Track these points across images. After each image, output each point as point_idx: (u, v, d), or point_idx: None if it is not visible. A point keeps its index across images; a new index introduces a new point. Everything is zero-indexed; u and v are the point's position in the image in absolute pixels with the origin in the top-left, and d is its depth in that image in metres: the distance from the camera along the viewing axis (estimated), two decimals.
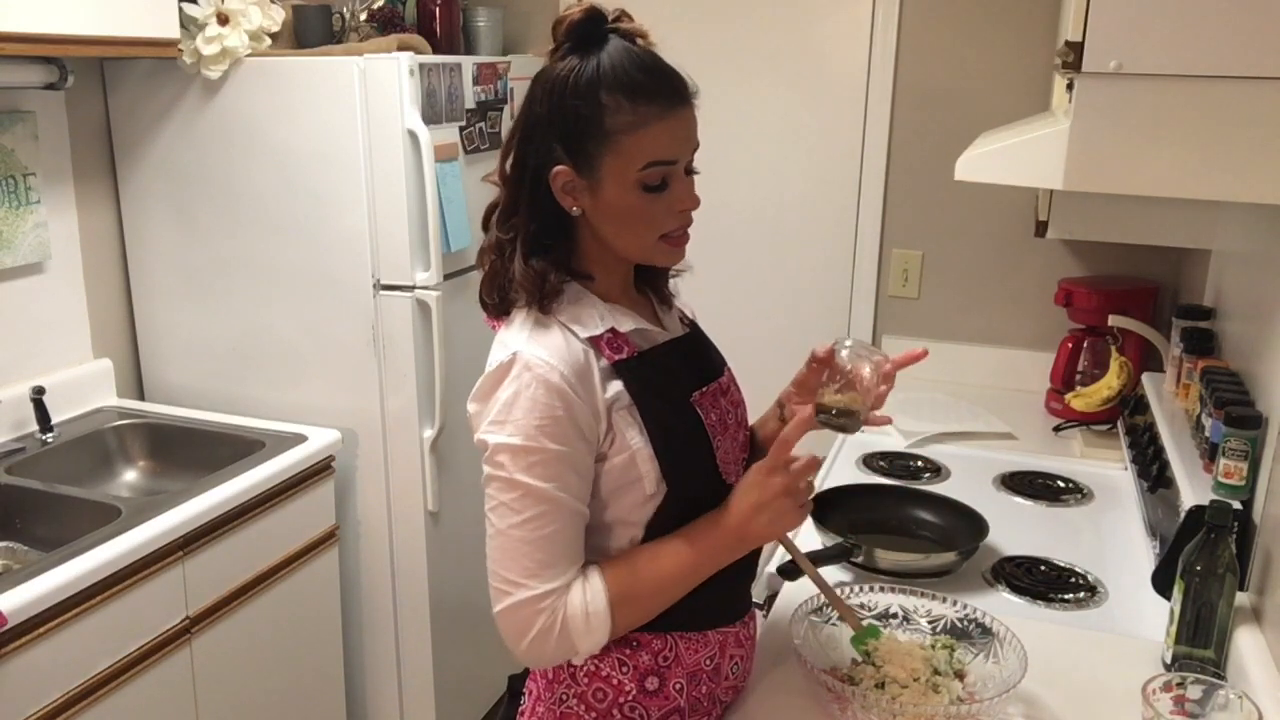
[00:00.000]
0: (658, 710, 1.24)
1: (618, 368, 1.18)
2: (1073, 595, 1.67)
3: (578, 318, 1.19)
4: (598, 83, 1.11)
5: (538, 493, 1.12)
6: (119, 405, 2.42)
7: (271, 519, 2.12)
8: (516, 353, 1.14)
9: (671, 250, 1.20)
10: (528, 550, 1.13)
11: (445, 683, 2.56)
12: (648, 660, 1.23)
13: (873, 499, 1.90)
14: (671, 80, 1.14)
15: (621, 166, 1.13)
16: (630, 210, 1.15)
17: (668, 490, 1.19)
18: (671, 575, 1.20)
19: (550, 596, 1.13)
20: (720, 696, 1.31)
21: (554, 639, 1.14)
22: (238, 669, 2.08)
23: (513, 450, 1.12)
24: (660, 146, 1.13)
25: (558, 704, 1.26)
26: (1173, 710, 1.21)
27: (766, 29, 2.84)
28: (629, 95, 1.11)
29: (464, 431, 2.48)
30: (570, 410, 1.13)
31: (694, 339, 1.34)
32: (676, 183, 1.16)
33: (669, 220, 1.17)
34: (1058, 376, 2.57)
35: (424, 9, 2.66)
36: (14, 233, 2.18)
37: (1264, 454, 1.50)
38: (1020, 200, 2.67)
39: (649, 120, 1.11)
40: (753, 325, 2.87)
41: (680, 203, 1.17)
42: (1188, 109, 1.26)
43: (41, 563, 1.67)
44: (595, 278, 1.22)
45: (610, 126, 1.12)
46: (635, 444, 1.17)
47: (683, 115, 1.14)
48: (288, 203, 2.34)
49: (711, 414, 1.25)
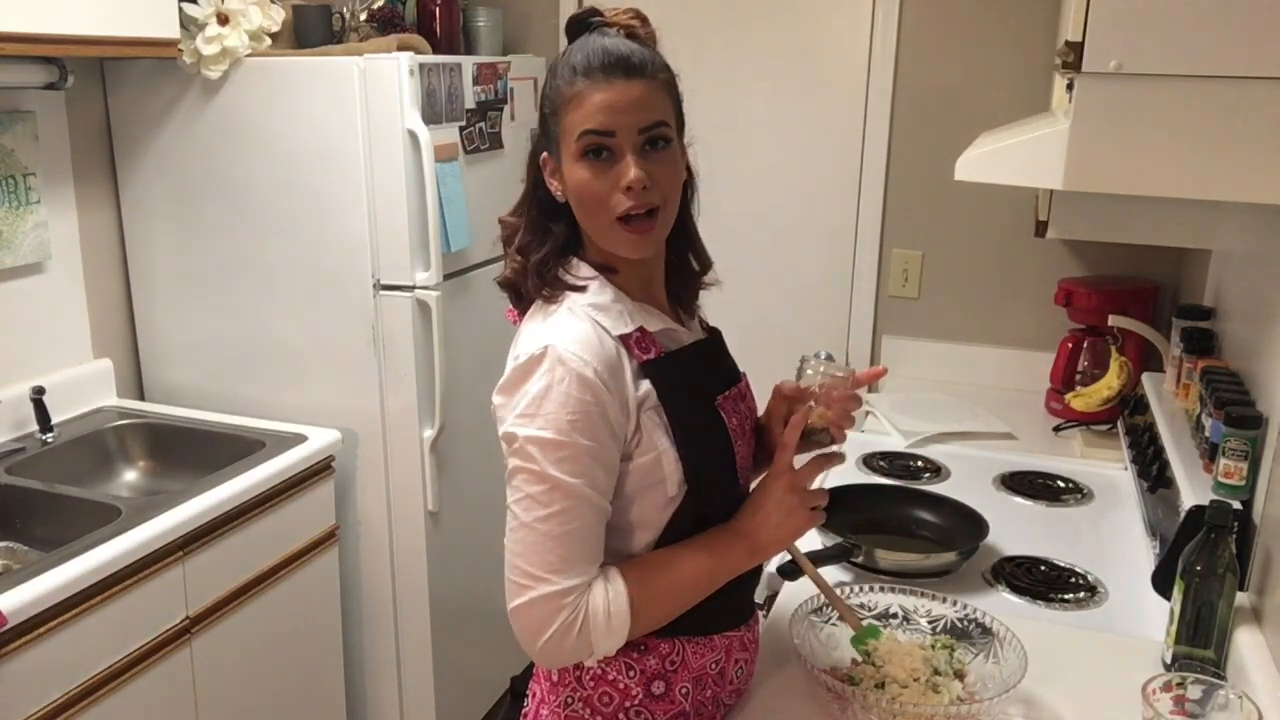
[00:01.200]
0: (663, 714, 1.24)
1: (646, 368, 1.18)
2: (1073, 595, 1.67)
3: (605, 313, 1.18)
4: (557, 67, 1.19)
5: (566, 487, 1.11)
6: (119, 405, 2.42)
7: (271, 519, 2.12)
8: (549, 345, 1.13)
9: (630, 238, 1.17)
10: (552, 545, 1.12)
11: (445, 683, 2.56)
12: (655, 664, 1.23)
13: (873, 499, 1.90)
14: (614, 55, 1.14)
15: (568, 141, 1.16)
16: (580, 186, 1.16)
17: (688, 493, 1.19)
18: (690, 582, 1.20)
19: (573, 594, 1.12)
20: (724, 700, 1.31)
21: (573, 637, 1.12)
22: (238, 669, 2.08)
23: (543, 444, 1.11)
24: (592, 116, 1.13)
25: (563, 707, 1.25)
26: (1173, 710, 1.21)
27: (766, 29, 2.84)
28: (572, 71, 1.15)
29: (464, 431, 2.50)
30: (602, 406, 1.12)
31: (715, 343, 1.35)
32: (621, 159, 1.14)
33: (616, 198, 1.15)
34: (1058, 376, 2.57)
35: (424, 9, 2.66)
36: (14, 233, 2.18)
37: (1264, 454, 1.49)
38: (1020, 200, 2.66)
39: (586, 91, 1.13)
40: (752, 325, 2.86)
41: (621, 177, 1.14)
42: (1188, 109, 1.26)
43: (41, 563, 1.67)
44: (618, 271, 1.22)
45: (559, 103, 1.16)
46: (662, 445, 1.17)
47: (622, 87, 1.13)
48: (288, 203, 2.34)
49: (733, 418, 1.26)
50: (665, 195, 1.17)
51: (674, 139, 1.18)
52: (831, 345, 2.96)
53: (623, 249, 1.19)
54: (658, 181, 1.15)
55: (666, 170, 1.17)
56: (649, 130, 1.15)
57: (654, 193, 1.15)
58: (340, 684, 2.45)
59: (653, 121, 1.15)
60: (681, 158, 1.22)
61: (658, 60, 1.18)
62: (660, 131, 1.16)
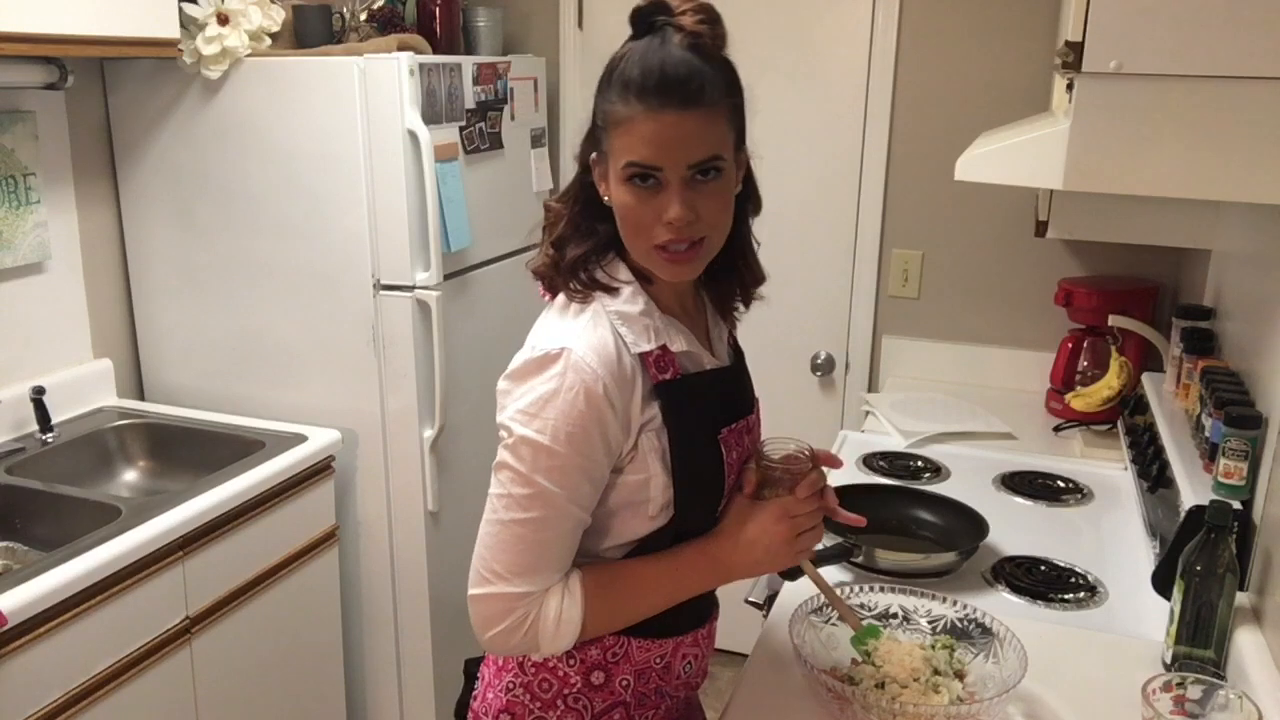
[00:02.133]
0: (602, 703, 1.25)
1: (660, 389, 1.16)
2: (1073, 595, 1.66)
3: (631, 325, 1.15)
4: (612, 71, 1.11)
5: (548, 496, 1.11)
6: (119, 405, 2.42)
7: (271, 519, 2.12)
8: (566, 349, 1.11)
9: (667, 264, 1.13)
10: (521, 549, 1.13)
11: (445, 683, 2.56)
12: (596, 655, 1.23)
13: (873, 499, 1.90)
14: (672, 79, 1.06)
15: (614, 162, 1.11)
16: (623, 209, 1.12)
17: (673, 518, 1.19)
18: (648, 605, 1.20)
19: (527, 599, 1.13)
20: (670, 692, 1.30)
21: (519, 636, 1.14)
22: (238, 669, 2.08)
23: (536, 448, 1.10)
24: (639, 148, 1.07)
25: (505, 691, 1.27)
26: (1173, 710, 1.21)
27: (766, 29, 2.84)
28: (624, 89, 1.08)
29: (464, 431, 2.50)
30: (603, 424, 1.11)
31: (736, 371, 1.32)
32: (666, 190, 1.09)
33: (658, 230, 1.10)
34: (1058, 376, 2.57)
35: (424, 9, 2.66)
36: (14, 233, 2.18)
37: (1264, 454, 1.49)
38: (1020, 200, 2.67)
39: (637, 119, 1.07)
40: (752, 326, 2.86)
41: (664, 210, 1.09)
42: (1188, 109, 1.26)
43: (41, 563, 1.67)
44: (654, 281, 1.19)
45: (608, 120, 1.11)
46: (654, 469, 1.16)
47: (674, 120, 1.06)
48: (288, 203, 2.34)
49: (734, 451, 1.23)
50: (712, 226, 1.13)
51: (726, 167, 1.12)
52: (831, 345, 2.97)
53: (659, 270, 1.15)
54: (703, 215, 1.10)
55: (715, 202, 1.12)
56: (699, 165, 1.09)
57: (699, 226, 1.10)
58: (340, 684, 2.45)
59: (704, 157, 1.09)
60: (735, 184, 1.16)
61: (721, 81, 1.10)
62: (712, 164, 1.10)
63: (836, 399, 3.01)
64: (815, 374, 2.99)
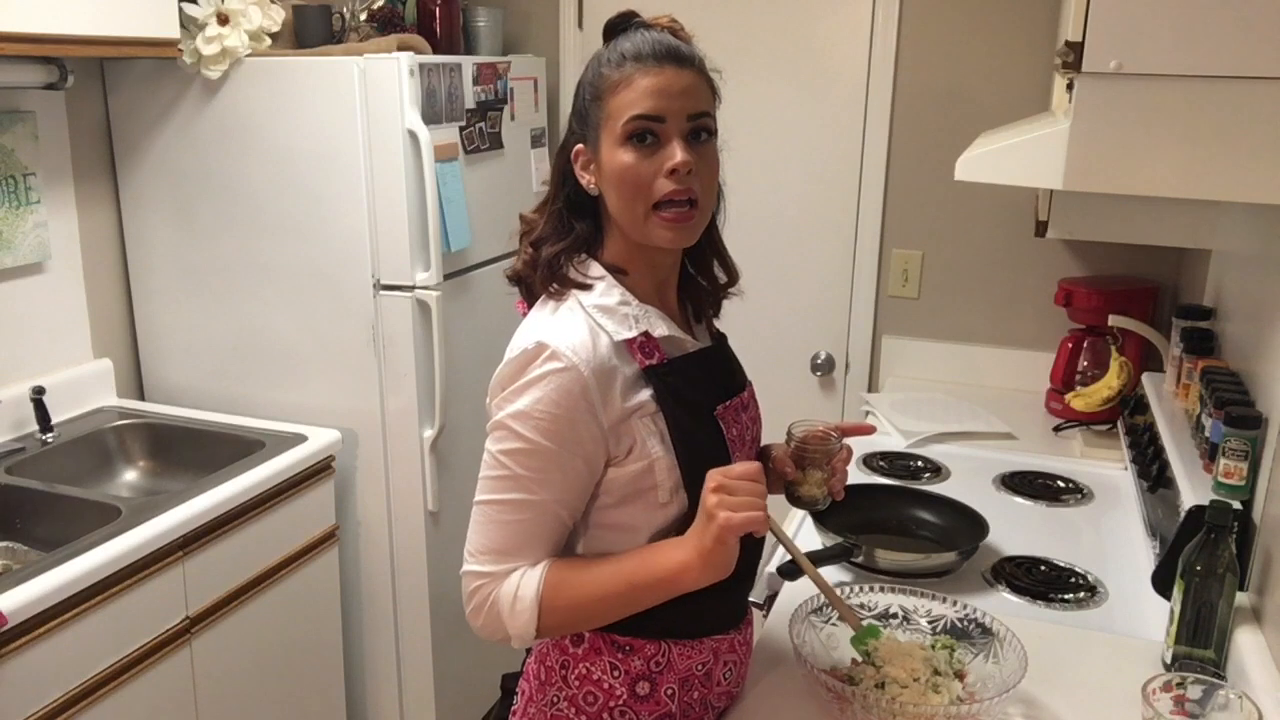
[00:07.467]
0: (649, 715, 1.24)
1: (648, 374, 1.18)
2: (1073, 595, 1.67)
3: (611, 315, 1.18)
4: (601, 57, 1.19)
5: (519, 481, 1.14)
6: (119, 405, 2.42)
7: (271, 519, 2.12)
8: (540, 342, 1.14)
9: (667, 227, 1.15)
10: (491, 530, 1.17)
11: (445, 683, 2.56)
12: (640, 665, 1.23)
13: (873, 499, 1.90)
14: (666, 44, 1.15)
15: (612, 125, 1.15)
16: (622, 170, 1.15)
17: (686, 501, 1.18)
18: (606, 585, 1.16)
19: (490, 579, 1.17)
20: (713, 702, 1.30)
21: (483, 615, 1.17)
22: (238, 669, 2.08)
23: (508, 432, 1.14)
24: (642, 100, 1.13)
25: (549, 706, 1.26)
26: (1173, 710, 1.21)
27: (766, 29, 2.84)
28: (621, 57, 1.15)
29: (464, 431, 2.50)
30: (580, 413, 1.12)
31: (721, 350, 1.33)
32: (667, 145, 1.14)
33: (659, 183, 1.14)
34: (1058, 376, 2.57)
35: (424, 9, 2.66)
36: (14, 233, 2.18)
37: (1264, 454, 1.50)
38: (1020, 200, 2.67)
39: (637, 75, 1.14)
40: (752, 326, 2.86)
41: (666, 161, 1.13)
42: (1188, 109, 1.26)
43: (41, 563, 1.67)
44: (628, 273, 1.22)
45: (603, 88, 1.16)
46: (656, 453, 1.17)
47: (671, 74, 1.14)
48: (288, 203, 2.34)
49: (733, 428, 1.25)
50: (705, 187, 1.17)
51: (715, 134, 1.19)
52: (831, 345, 2.97)
53: (659, 239, 1.17)
54: (700, 172, 1.15)
55: (708, 163, 1.18)
56: (697, 119, 1.15)
57: (696, 181, 1.15)
58: (340, 684, 2.45)
59: (701, 110, 1.16)
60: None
61: (702, 58, 1.19)
62: (705, 122, 1.16)
63: (836, 399, 3.01)
64: (815, 374, 2.99)
